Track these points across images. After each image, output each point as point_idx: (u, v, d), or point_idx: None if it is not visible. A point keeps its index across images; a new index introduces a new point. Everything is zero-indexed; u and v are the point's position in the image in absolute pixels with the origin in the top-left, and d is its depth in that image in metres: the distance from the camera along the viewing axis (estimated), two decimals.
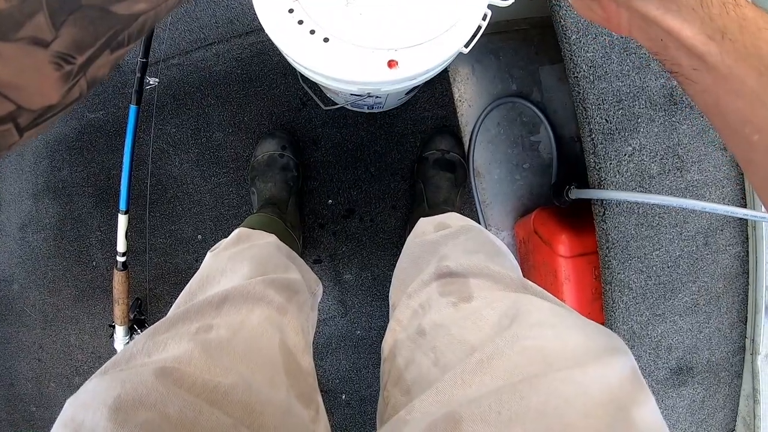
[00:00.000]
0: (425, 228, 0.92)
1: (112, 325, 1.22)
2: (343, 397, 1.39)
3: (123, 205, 1.08)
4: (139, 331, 1.23)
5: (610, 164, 0.94)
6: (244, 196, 1.34)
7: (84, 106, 1.35)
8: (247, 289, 0.66)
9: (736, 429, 1.14)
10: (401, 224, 1.33)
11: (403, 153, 1.32)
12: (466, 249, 0.75)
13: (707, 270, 1.03)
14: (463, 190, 1.27)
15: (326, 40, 0.73)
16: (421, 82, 0.84)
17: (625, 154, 0.95)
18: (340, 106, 1.02)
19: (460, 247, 0.76)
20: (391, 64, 0.74)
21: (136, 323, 1.24)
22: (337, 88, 0.80)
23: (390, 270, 1.32)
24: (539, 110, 1.30)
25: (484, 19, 0.76)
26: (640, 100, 0.94)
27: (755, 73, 0.35)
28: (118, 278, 1.16)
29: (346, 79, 0.74)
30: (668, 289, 1.02)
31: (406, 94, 1.07)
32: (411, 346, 0.61)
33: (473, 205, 1.33)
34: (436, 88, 1.30)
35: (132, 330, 1.22)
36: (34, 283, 1.41)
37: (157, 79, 1.10)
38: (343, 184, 1.33)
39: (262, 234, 0.92)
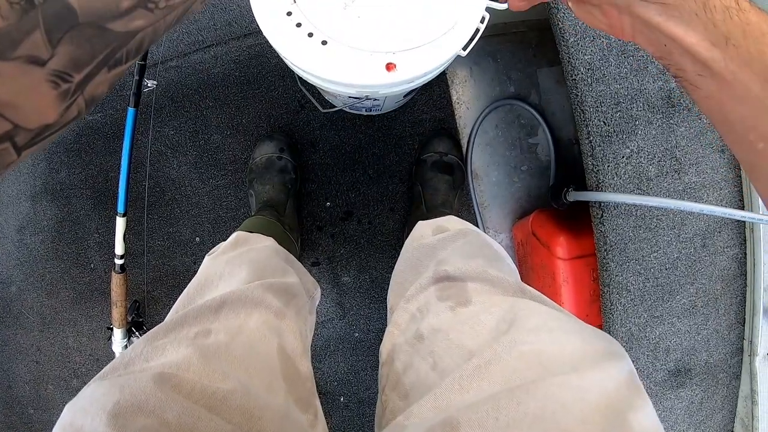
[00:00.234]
0: (423, 231, 0.92)
1: (110, 327, 1.21)
2: (342, 400, 1.39)
3: (121, 208, 1.08)
4: (137, 333, 1.23)
5: (608, 166, 0.94)
6: (242, 199, 1.34)
7: None
8: (246, 293, 0.66)
9: (734, 430, 1.14)
10: (399, 226, 1.33)
11: (401, 155, 1.32)
12: (464, 253, 0.74)
13: (705, 272, 1.03)
14: (461, 192, 1.27)
15: (324, 42, 0.73)
16: (419, 85, 0.84)
17: (623, 157, 0.95)
18: (338, 108, 1.02)
19: (459, 251, 0.76)
20: (390, 66, 0.74)
21: (134, 326, 1.24)
22: (335, 90, 0.80)
23: (388, 272, 1.32)
24: (537, 112, 1.30)
25: (482, 21, 0.75)
26: (637, 102, 0.94)
27: (760, 80, 0.35)
28: (116, 281, 1.16)
29: (344, 81, 0.74)
30: (666, 291, 1.02)
31: (404, 96, 1.07)
32: (409, 350, 0.61)
33: (471, 207, 1.33)
34: (434, 90, 1.30)
35: (130, 332, 1.22)
36: (32, 285, 1.41)
37: (155, 82, 1.10)
38: (341, 186, 1.33)
39: (260, 237, 0.92)
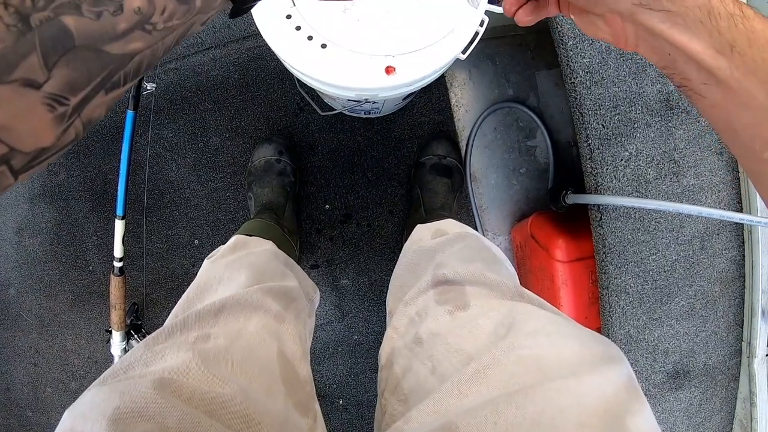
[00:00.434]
0: (422, 234, 0.92)
1: (108, 330, 1.21)
2: (341, 402, 1.39)
3: (120, 211, 1.08)
4: (135, 336, 1.23)
5: (607, 169, 0.95)
6: (241, 201, 1.34)
7: None
8: (245, 297, 0.66)
9: None
10: (398, 229, 1.33)
11: (400, 158, 1.32)
12: (463, 256, 0.75)
13: (703, 274, 1.03)
14: (460, 195, 1.28)
15: (324, 46, 0.73)
16: (418, 88, 0.84)
17: (621, 159, 0.95)
18: (337, 111, 1.02)
19: (457, 254, 0.76)
20: (389, 70, 0.74)
21: (133, 328, 1.24)
22: (335, 93, 0.81)
23: (387, 275, 1.32)
24: (536, 115, 1.30)
25: (481, 25, 0.76)
26: (636, 105, 0.94)
27: (765, 88, 0.35)
28: (115, 283, 1.16)
29: (343, 85, 0.74)
30: (665, 293, 1.02)
31: (403, 99, 1.08)
32: (408, 354, 0.61)
33: (470, 210, 1.33)
34: (433, 93, 1.30)
35: (129, 335, 1.22)
36: (31, 288, 1.41)
37: (154, 84, 1.10)
38: (340, 189, 1.33)
39: (260, 241, 0.92)
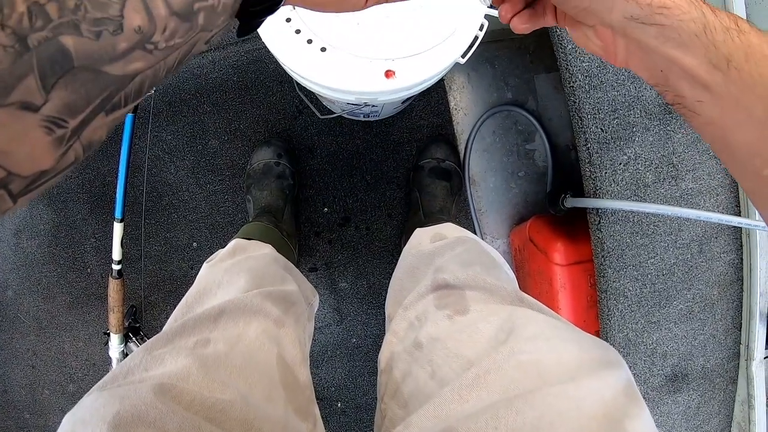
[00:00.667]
0: (421, 238, 0.92)
1: (106, 332, 1.21)
2: (339, 405, 1.38)
3: (118, 213, 1.08)
4: (134, 338, 1.22)
5: (606, 173, 0.95)
6: (239, 204, 1.34)
7: None
8: (244, 302, 0.66)
9: None
10: (397, 232, 1.33)
11: (398, 161, 1.32)
12: (463, 261, 0.75)
13: (702, 277, 1.03)
14: (459, 198, 1.28)
15: (323, 49, 0.73)
16: (417, 92, 0.84)
17: (620, 163, 0.95)
18: (336, 114, 1.02)
19: (457, 258, 0.76)
20: (389, 74, 0.74)
21: (131, 331, 1.23)
22: (334, 97, 0.81)
23: (385, 278, 1.32)
24: (534, 119, 1.31)
25: (480, 29, 0.76)
26: (635, 109, 0.94)
27: (763, 104, 0.34)
28: (114, 286, 1.16)
29: (343, 88, 0.74)
30: (663, 296, 1.02)
31: (402, 102, 1.08)
32: (408, 359, 0.61)
33: (469, 213, 1.33)
34: (431, 96, 1.30)
35: (127, 338, 1.22)
36: (29, 290, 1.41)
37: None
38: (338, 192, 1.33)
39: (259, 245, 0.92)
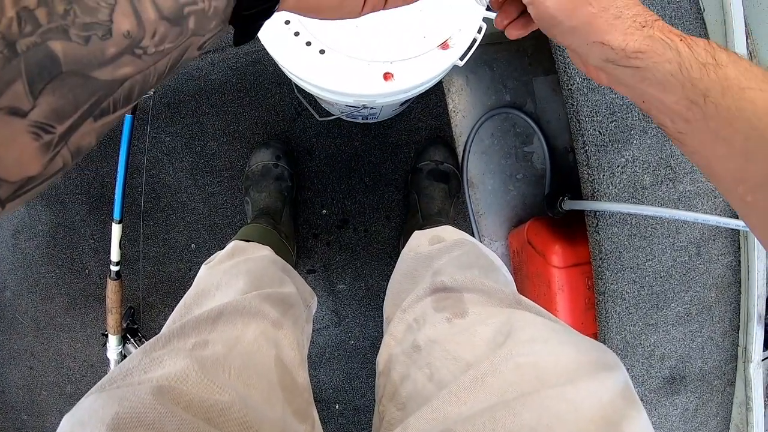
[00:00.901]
0: (419, 241, 0.92)
1: (105, 333, 1.21)
2: (337, 407, 1.38)
3: (117, 214, 1.08)
4: (132, 340, 1.22)
5: (604, 175, 0.95)
6: (238, 206, 1.34)
7: None
8: (243, 304, 0.66)
9: None
10: (395, 234, 1.34)
11: (397, 163, 1.32)
12: (461, 264, 0.75)
13: (700, 279, 1.03)
14: (457, 200, 1.28)
15: (322, 51, 0.73)
16: (416, 94, 0.85)
17: (618, 166, 0.95)
18: (334, 116, 1.03)
19: (455, 261, 0.76)
20: (387, 76, 0.74)
21: (129, 332, 1.23)
22: (333, 99, 0.81)
23: (383, 280, 1.32)
24: (533, 121, 1.31)
25: (479, 32, 0.76)
26: (633, 111, 0.94)
27: (741, 136, 0.34)
28: (112, 287, 1.16)
29: (341, 90, 0.74)
30: (661, 299, 1.02)
31: (400, 105, 1.08)
32: (406, 361, 0.62)
33: (467, 215, 1.33)
34: (430, 98, 1.30)
35: (125, 339, 1.22)
36: (27, 291, 1.40)
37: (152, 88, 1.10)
38: (337, 194, 1.33)
39: (257, 247, 0.92)
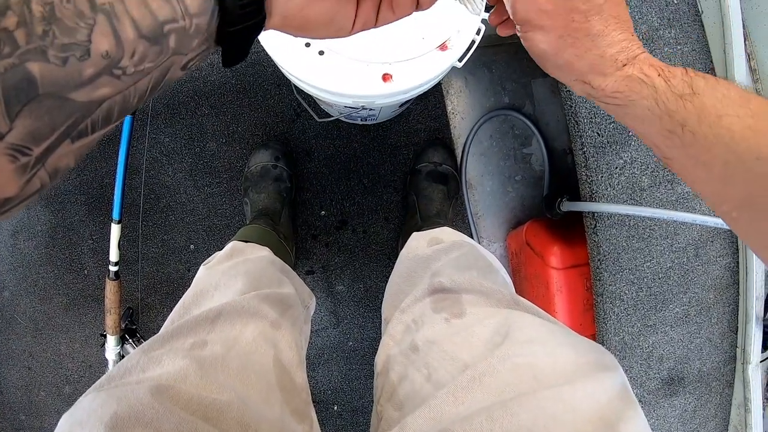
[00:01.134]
0: (418, 243, 0.92)
1: (103, 334, 1.21)
2: (335, 408, 1.38)
3: (116, 215, 1.08)
4: (130, 340, 1.22)
5: (602, 177, 0.95)
6: (237, 207, 1.34)
7: None
8: (241, 304, 0.66)
9: None
10: (394, 236, 1.34)
11: (395, 165, 1.32)
12: (459, 265, 0.75)
13: (698, 281, 1.03)
14: (456, 202, 1.28)
15: (321, 53, 0.74)
16: (414, 96, 0.85)
17: (616, 167, 0.95)
18: (333, 118, 1.03)
19: (453, 262, 0.76)
20: (386, 77, 0.74)
21: (128, 333, 1.23)
22: (332, 100, 0.81)
23: (382, 282, 1.32)
24: (531, 123, 1.31)
25: (477, 33, 0.76)
26: None
27: (720, 161, 0.35)
28: (111, 288, 1.16)
29: (340, 91, 0.74)
30: (659, 300, 1.03)
31: (399, 106, 1.08)
32: (404, 361, 0.62)
33: (465, 217, 1.34)
34: (429, 100, 1.30)
35: (123, 339, 1.22)
36: (25, 291, 1.40)
37: None
38: (336, 195, 1.33)
39: (256, 247, 0.92)
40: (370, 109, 0.94)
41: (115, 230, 1.09)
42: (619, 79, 0.39)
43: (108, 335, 1.19)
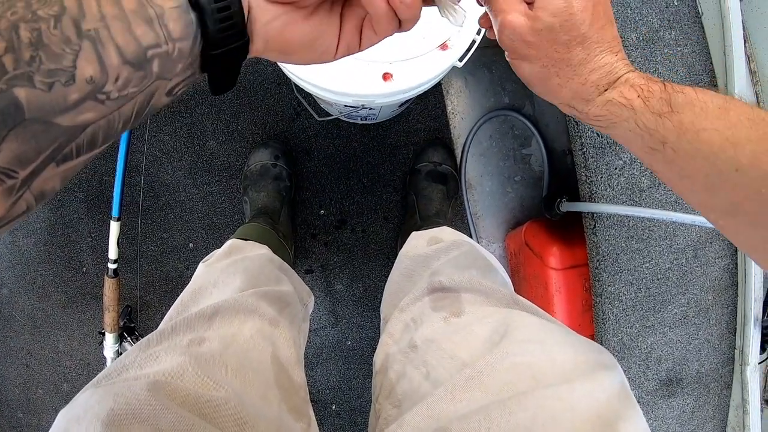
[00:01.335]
0: (417, 242, 0.92)
1: (101, 332, 1.21)
2: (333, 408, 1.38)
3: (116, 212, 1.08)
4: (128, 338, 1.22)
5: (601, 178, 0.95)
6: (236, 205, 1.34)
7: None
8: (239, 301, 0.66)
9: None
10: (393, 235, 1.34)
11: (395, 164, 1.32)
12: (458, 264, 0.75)
13: (696, 282, 1.04)
14: (455, 202, 1.28)
15: None
16: (414, 95, 0.85)
17: (615, 168, 0.95)
18: (333, 117, 1.03)
19: (453, 262, 0.76)
20: (386, 76, 0.74)
21: (126, 331, 1.23)
22: (332, 99, 0.81)
23: (381, 281, 1.32)
24: (531, 123, 1.31)
25: (478, 33, 0.76)
26: None
27: (702, 174, 0.37)
28: (109, 285, 1.16)
29: (340, 90, 0.74)
30: (658, 301, 1.03)
31: (399, 106, 1.08)
32: (403, 360, 0.62)
33: (465, 217, 1.34)
34: (429, 100, 1.30)
35: (122, 337, 1.21)
36: (24, 288, 1.40)
37: None
38: (335, 194, 1.33)
39: (255, 245, 0.92)
40: (370, 109, 0.94)
41: (114, 228, 1.09)
42: (600, 104, 0.42)
43: (106, 333, 1.19)
